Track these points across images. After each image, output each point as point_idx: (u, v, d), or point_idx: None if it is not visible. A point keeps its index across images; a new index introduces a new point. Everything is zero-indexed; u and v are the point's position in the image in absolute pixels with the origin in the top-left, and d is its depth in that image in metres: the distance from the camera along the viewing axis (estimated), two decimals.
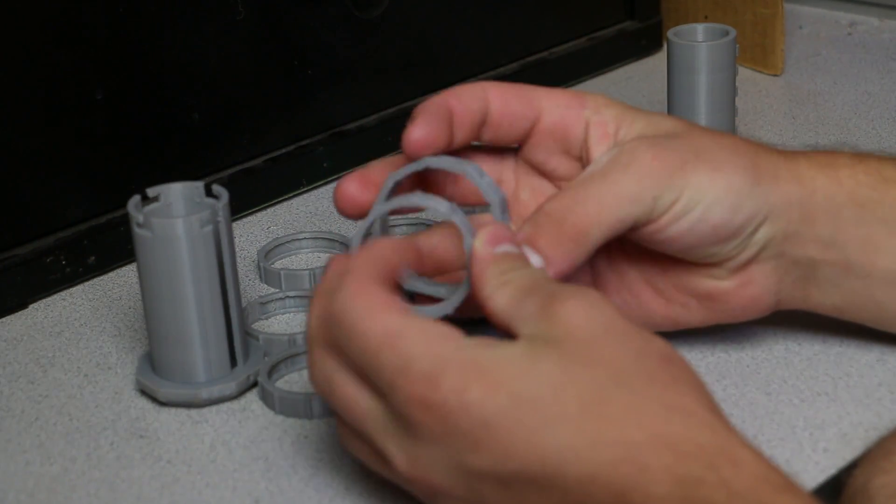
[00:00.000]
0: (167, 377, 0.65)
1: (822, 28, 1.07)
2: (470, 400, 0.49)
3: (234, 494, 0.59)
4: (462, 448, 0.50)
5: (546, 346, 0.50)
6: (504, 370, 0.50)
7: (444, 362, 0.50)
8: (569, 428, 0.48)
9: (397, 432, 0.52)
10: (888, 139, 0.88)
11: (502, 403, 0.49)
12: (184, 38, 0.78)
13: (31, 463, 0.62)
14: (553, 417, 0.49)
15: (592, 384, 0.49)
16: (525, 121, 0.61)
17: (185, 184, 0.65)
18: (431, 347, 0.50)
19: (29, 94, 0.72)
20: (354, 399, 0.53)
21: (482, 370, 0.50)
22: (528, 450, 0.49)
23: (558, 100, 0.62)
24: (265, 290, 0.74)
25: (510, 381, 0.49)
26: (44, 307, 0.74)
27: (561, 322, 0.51)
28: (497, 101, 0.61)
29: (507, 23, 0.94)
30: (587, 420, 0.48)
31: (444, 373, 0.50)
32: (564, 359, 0.50)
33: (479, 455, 0.49)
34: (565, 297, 0.52)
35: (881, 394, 0.63)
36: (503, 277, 0.54)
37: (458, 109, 0.60)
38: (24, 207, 0.74)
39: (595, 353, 0.50)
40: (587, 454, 0.48)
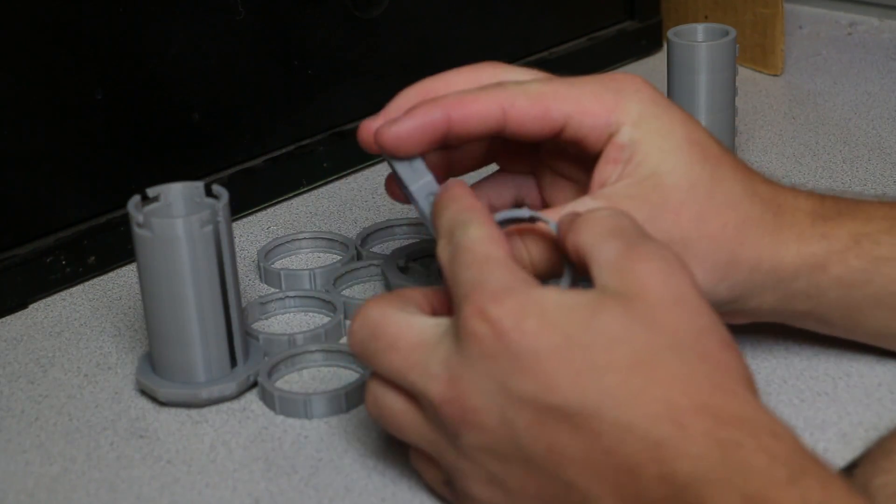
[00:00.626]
0: (167, 377, 0.65)
1: (822, 28, 1.07)
2: (525, 328, 0.50)
3: (234, 494, 0.59)
4: (508, 370, 0.50)
5: (614, 299, 0.51)
6: (566, 314, 0.50)
7: (513, 288, 0.51)
8: (615, 377, 0.49)
9: (444, 348, 0.52)
10: (888, 139, 0.88)
11: (555, 341, 0.50)
12: (184, 39, 0.78)
13: (31, 463, 0.62)
14: (602, 365, 0.49)
15: (648, 346, 0.50)
16: (542, 137, 0.60)
17: (185, 184, 0.65)
18: (510, 276, 0.52)
19: (29, 94, 0.72)
20: (404, 333, 0.54)
21: (545, 308, 0.51)
22: (571, 387, 0.49)
23: (585, 115, 0.59)
24: (265, 290, 0.74)
25: (569, 324, 0.50)
26: (44, 307, 0.74)
27: (636, 280, 0.51)
28: (513, 123, 0.59)
29: (507, 23, 0.94)
30: (635, 375, 0.49)
31: (511, 295, 0.51)
32: (628, 317, 0.50)
33: (523, 380, 0.50)
34: (646, 254, 0.52)
35: (881, 394, 0.63)
36: (593, 215, 0.55)
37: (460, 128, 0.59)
38: (24, 207, 0.74)
39: (659, 319, 0.50)
40: (628, 403, 0.49)
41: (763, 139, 0.89)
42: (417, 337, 0.54)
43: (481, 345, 0.51)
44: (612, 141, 0.59)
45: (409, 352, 0.53)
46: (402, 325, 0.54)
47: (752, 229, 0.59)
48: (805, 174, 0.84)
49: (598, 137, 0.59)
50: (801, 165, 0.85)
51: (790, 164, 0.85)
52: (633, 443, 0.48)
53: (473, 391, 0.51)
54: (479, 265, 0.53)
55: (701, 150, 0.59)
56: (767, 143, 0.88)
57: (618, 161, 0.59)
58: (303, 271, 0.74)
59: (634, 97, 0.59)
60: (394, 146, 0.59)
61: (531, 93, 0.59)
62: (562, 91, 0.60)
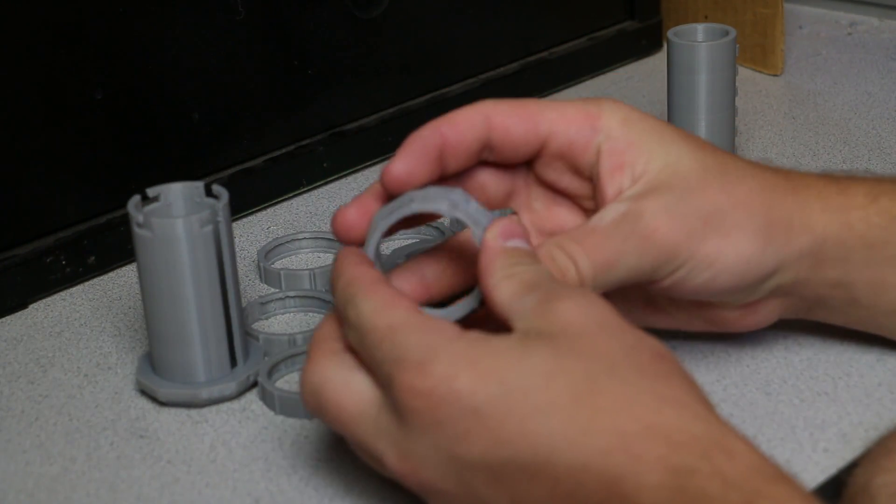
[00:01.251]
0: (167, 377, 0.65)
1: (822, 28, 1.07)
2: (459, 388, 0.49)
3: (234, 494, 0.59)
4: (452, 437, 0.50)
5: (539, 339, 0.50)
6: (495, 360, 0.50)
7: (434, 351, 0.50)
8: (560, 416, 0.48)
9: (389, 428, 0.52)
10: (888, 139, 0.88)
11: (492, 391, 0.49)
12: (184, 38, 0.78)
13: (31, 463, 0.62)
14: (544, 406, 0.49)
15: (584, 375, 0.49)
16: (529, 146, 0.60)
17: (185, 184, 0.65)
18: (424, 338, 0.51)
19: (29, 94, 0.72)
20: (344, 403, 0.53)
21: (473, 359, 0.50)
22: (519, 437, 0.49)
23: (568, 122, 0.60)
24: (265, 290, 0.74)
25: (501, 370, 0.50)
26: (44, 307, 0.74)
27: (556, 318, 0.51)
28: (499, 129, 0.59)
29: (507, 23, 0.94)
30: (579, 409, 0.48)
31: (435, 361, 0.50)
32: (557, 351, 0.50)
33: (470, 444, 0.49)
34: (563, 295, 0.52)
35: (881, 393, 0.63)
36: (509, 270, 0.54)
37: (452, 138, 0.58)
38: (24, 207, 0.74)
39: (587, 346, 0.50)
40: (579, 441, 0.48)
41: (763, 139, 0.89)
42: (356, 408, 0.53)
43: (422, 419, 0.50)
44: (603, 150, 0.59)
45: (354, 427, 0.53)
46: (342, 392, 0.54)
47: (774, 193, 0.60)
48: None
49: (584, 145, 0.59)
50: (801, 165, 0.85)
51: (790, 164, 0.85)
52: (591, 483, 0.48)
53: (425, 465, 0.51)
54: (389, 340, 0.52)
55: (695, 140, 0.60)
56: (767, 143, 0.88)
57: (621, 168, 0.59)
58: (303, 271, 0.74)
59: (614, 105, 0.60)
60: (399, 179, 0.57)
61: (513, 101, 0.60)
62: (542, 102, 0.60)
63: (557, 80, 0.97)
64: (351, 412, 0.53)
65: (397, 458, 0.52)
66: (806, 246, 0.60)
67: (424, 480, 0.51)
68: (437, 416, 0.50)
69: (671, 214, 0.58)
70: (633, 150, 0.59)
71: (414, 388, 0.50)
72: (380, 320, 0.52)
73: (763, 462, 0.48)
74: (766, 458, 0.48)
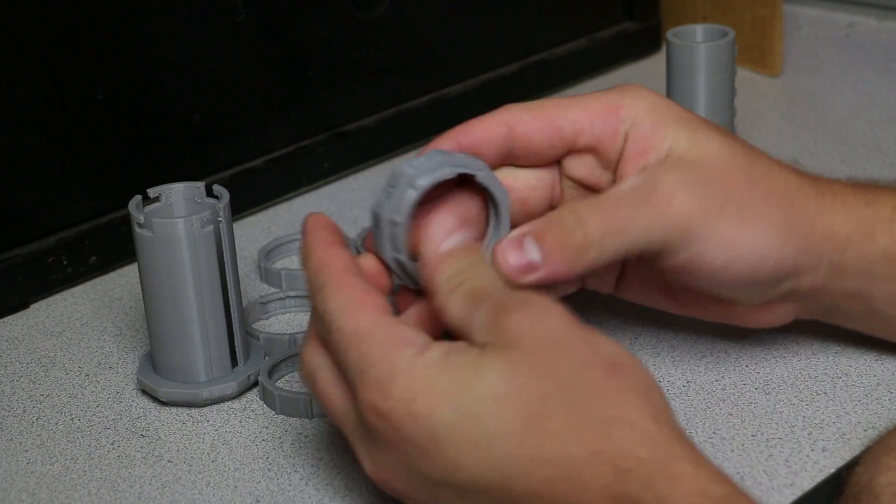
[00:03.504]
0: (168, 377, 0.65)
1: (821, 29, 1.07)
2: (416, 411, 0.50)
3: (235, 494, 0.59)
4: (414, 456, 0.50)
5: (493, 354, 0.50)
6: (450, 382, 0.50)
7: (395, 371, 0.51)
8: (511, 443, 0.49)
9: (364, 436, 0.53)
10: (886, 140, 0.88)
11: (447, 416, 0.50)
12: (184, 38, 0.78)
13: (32, 462, 0.62)
14: (496, 433, 0.49)
15: (534, 397, 0.49)
16: (554, 150, 0.59)
17: (186, 184, 0.65)
18: (388, 354, 0.51)
19: (29, 94, 0.73)
20: (333, 397, 0.54)
21: (430, 381, 0.50)
22: (474, 463, 0.49)
23: (592, 117, 0.59)
24: (266, 290, 0.75)
25: (455, 394, 0.50)
26: (45, 307, 0.74)
27: (509, 332, 0.51)
28: (520, 139, 0.59)
29: (507, 23, 0.94)
30: (529, 435, 0.49)
31: (394, 382, 0.50)
32: (509, 369, 0.50)
33: (431, 465, 0.50)
34: (512, 307, 0.52)
35: (879, 393, 0.63)
36: (455, 280, 0.54)
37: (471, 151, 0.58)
38: (25, 208, 0.74)
39: (539, 365, 0.50)
40: (529, 470, 0.49)
41: (762, 140, 0.89)
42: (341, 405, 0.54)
43: (385, 437, 0.51)
44: (630, 136, 0.58)
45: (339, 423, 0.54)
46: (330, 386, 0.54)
47: (797, 195, 0.59)
48: None
49: (612, 137, 0.59)
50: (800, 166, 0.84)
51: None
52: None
53: (395, 476, 0.52)
54: (355, 348, 0.52)
55: (725, 131, 0.59)
56: (766, 143, 0.88)
57: (647, 150, 0.58)
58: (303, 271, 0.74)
59: (637, 93, 0.59)
60: None
61: (533, 107, 0.59)
62: (564, 101, 0.59)
63: (557, 81, 0.98)
64: (336, 408, 0.54)
65: (371, 467, 0.53)
66: (827, 253, 0.59)
67: (396, 489, 0.53)
68: (399, 436, 0.50)
69: (689, 188, 0.57)
70: (658, 134, 0.58)
71: (375, 408, 0.51)
72: (346, 323, 0.52)
73: (709, 484, 0.48)
74: (716, 479, 0.48)
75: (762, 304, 0.61)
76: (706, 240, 0.57)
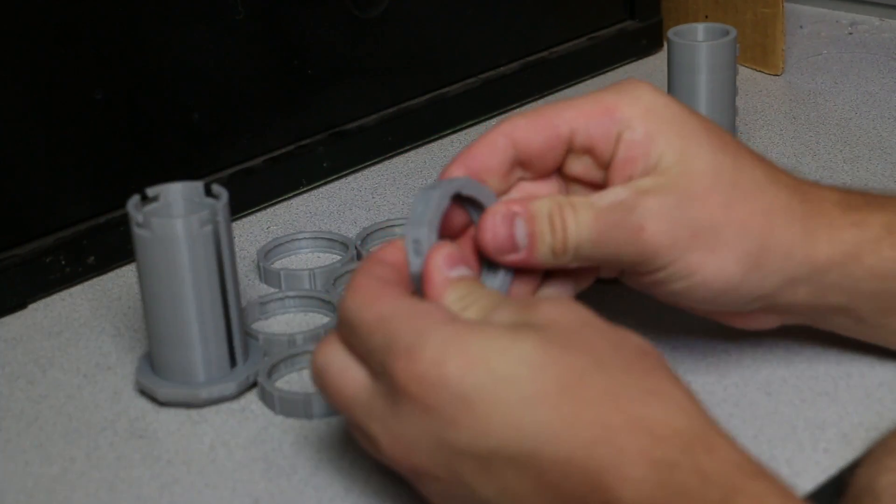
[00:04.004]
0: (167, 377, 0.64)
1: (823, 28, 1.07)
2: (448, 373, 0.50)
3: (234, 495, 0.59)
4: (441, 423, 0.50)
5: (528, 329, 0.51)
6: (484, 346, 0.50)
7: (424, 336, 0.51)
8: (546, 407, 0.49)
9: (383, 413, 0.52)
10: (888, 139, 0.88)
11: (480, 379, 0.49)
12: (184, 38, 0.78)
13: (30, 463, 0.62)
14: (531, 396, 0.49)
15: (571, 367, 0.50)
16: (555, 152, 0.60)
17: (185, 183, 0.65)
18: (414, 323, 0.51)
19: (29, 94, 0.72)
20: (343, 385, 0.54)
21: (462, 344, 0.50)
22: (506, 427, 0.49)
23: (587, 117, 0.59)
24: (265, 290, 0.74)
25: (490, 357, 0.50)
26: (43, 307, 0.74)
27: (540, 316, 0.52)
28: (522, 146, 0.59)
29: (507, 23, 0.94)
30: (565, 401, 0.49)
31: (425, 346, 0.50)
32: (545, 341, 0.50)
33: (458, 431, 0.50)
34: (537, 302, 0.53)
35: (882, 394, 0.62)
36: (463, 301, 0.54)
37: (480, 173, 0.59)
38: (23, 207, 0.74)
39: (574, 340, 0.51)
40: (564, 433, 0.48)
41: (763, 139, 0.89)
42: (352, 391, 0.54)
43: (413, 404, 0.51)
44: (622, 139, 0.59)
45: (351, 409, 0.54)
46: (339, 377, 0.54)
47: (779, 216, 0.59)
48: (805, 174, 0.83)
49: (607, 139, 0.59)
50: (801, 165, 0.85)
51: (790, 164, 0.85)
52: (575, 475, 0.48)
53: (416, 449, 0.51)
54: (380, 330, 0.52)
55: (719, 137, 0.59)
56: (768, 143, 0.88)
57: (636, 158, 0.58)
58: (302, 271, 0.74)
59: (635, 93, 0.59)
60: None
61: (530, 113, 0.60)
62: (560, 104, 0.60)
63: (557, 80, 0.97)
64: (347, 395, 0.54)
65: (389, 442, 0.52)
66: (803, 275, 0.59)
67: (415, 464, 0.52)
68: (428, 402, 0.50)
69: (662, 218, 0.58)
70: (649, 142, 0.58)
71: (406, 373, 0.50)
72: (368, 314, 0.53)
73: (743, 458, 0.49)
74: (746, 454, 0.49)
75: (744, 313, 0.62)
76: (672, 266, 0.58)
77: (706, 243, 0.58)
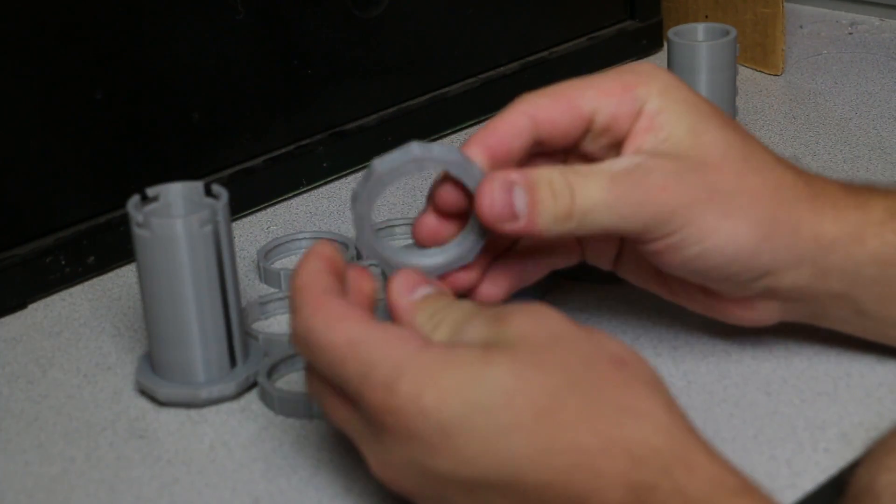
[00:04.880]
0: (167, 377, 0.64)
1: (823, 28, 1.07)
2: (425, 406, 0.50)
3: (234, 494, 0.59)
4: (423, 453, 0.50)
5: (499, 350, 0.51)
6: (458, 376, 0.50)
7: (401, 368, 0.50)
8: (522, 435, 0.49)
9: (370, 438, 0.52)
10: (888, 139, 0.88)
11: (456, 410, 0.49)
12: (184, 38, 0.78)
13: (30, 463, 0.62)
14: (506, 425, 0.49)
15: (545, 390, 0.49)
16: (576, 131, 0.60)
17: (185, 183, 0.65)
18: (390, 353, 0.51)
19: (29, 94, 0.72)
20: (336, 407, 0.54)
21: (436, 374, 0.50)
22: (485, 457, 0.49)
23: (609, 95, 0.59)
24: (265, 290, 0.74)
25: (464, 387, 0.50)
26: (43, 307, 0.74)
27: (511, 328, 0.51)
28: (545, 125, 0.59)
29: (507, 23, 0.94)
30: (540, 427, 0.49)
31: (401, 378, 0.50)
32: (517, 363, 0.50)
33: (440, 460, 0.50)
34: (508, 314, 0.52)
35: (882, 393, 0.62)
36: (434, 320, 0.54)
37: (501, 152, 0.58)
38: (23, 207, 0.74)
39: (546, 358, 0.50)
40: (542, 461, 0.49)
41: (763, 139, 0.88)
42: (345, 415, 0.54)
43: (394, 436, 0.51)
44: (641, 112, 0.59)
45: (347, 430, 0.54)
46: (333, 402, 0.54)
47: (788, 192, 0.59)
48: None
49: (627, 115, 0.59)
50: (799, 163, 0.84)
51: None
52: (556, 499, 0.48)
53: (403, 476, 0.52)
54: (352, 357, 0.51)
55: (728, 121, 0.60)
56: (767, 142, 0.88)
57: (649, 129, 0.59)
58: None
59: (653, 73, 0.60)
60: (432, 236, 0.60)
61: (551, 91, 0.60)
62: (581, 83, 0.60)
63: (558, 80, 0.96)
64: (341, 417, 0.54)
65: (379, 467, 0.53)
66: (808, 254, 0.59)
67: (405, 488, 0.52)
68: (408, 432, 0.50)
69: (681, 179, 0.57)
70: (663, 115, 0.59)
71: (385, 406, 0.50)
72: (336, 335, 0.52)
73: (726, 474, 0.48)
74: (729, 470, 0.49)
75: (745, 300, 0.61)
76: (686, 228, 0.58)
77: (721, 207, 0.58)
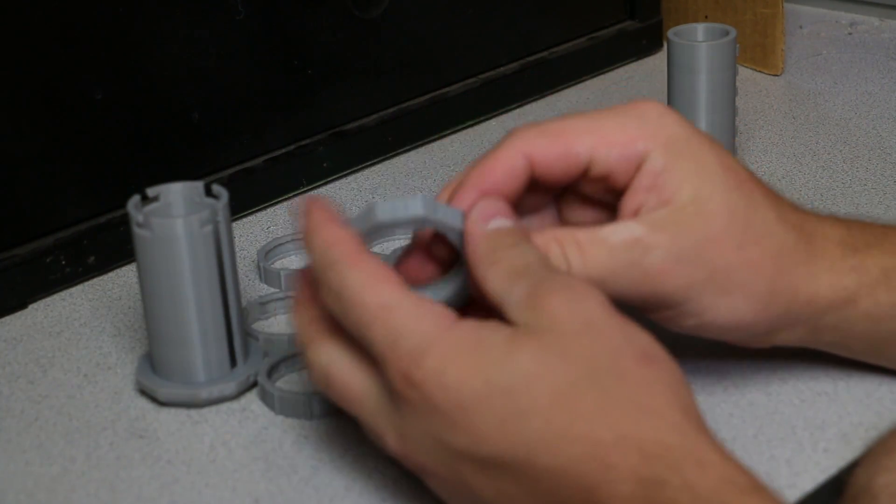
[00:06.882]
0: (167, 377, 0.64)
1: (823, 28, 1.07)
2: (448, 382, 0.50)
3: (234, 494, 0.59)
4: (441, 427, 0.51)
5: (527, 335, 0.51)
6: (483, 356, 0.50)
7: (428, 341, 0.51)
8: (539, 420, 0.49)
9: (388, 409, 0.53)
10: (888, 139, 0.88)
11: (477, 389, 0.50)
12: (184, 38, 0.78)
13: (30, 463, 0.62)
14: (525, 408, 0.49)
15: (565, 379, 0.50)
16: (569, 177, 0.58)
17: (185, 183, 0.65)
18: (420, 324, 0.51)
19: (28, 94, 0.72)
20: (350, 383, 0.54)
21: (462, 353, 0.50)
22: (500, 437, 0.50)
23: (609, 146, 0.57)
24: (265, 290, 0.74)
25: (487, 367, 0.50)
26: (43, 307, 0.74)
27: (545, 313, 0.51)
28: (541, 167, 0.58)
29: (507, 23, 0.94)
30: (557, 414, 0.49)
31: (428, 352, 0.51)
32: (542, 350, 0.50)
33: (456, 435, 0.50)
34: (552, 288, 0.52)
35: (881, 394, 0.62)
36: (494, 255, 0.54)
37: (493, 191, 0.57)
38: (23, 207, 0.74)
39: (572, 348, 0.50)
40: (556, 446, 0.49)
41: (763, 139, 0.89)
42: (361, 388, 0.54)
43: (414, 407, 0.51)
44: (642, 168, 0.57)
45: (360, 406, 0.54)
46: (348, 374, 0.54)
47: (787, 258, 0.59)
48: (805, 174, 0.84)
49: (626, 168, 0.58)
50: (801, 165, 0.85)
51: (790, 164, 0.85)
52: (567, 487, 0.49)
53: (419, 449, 0.52)
54: (381, 321, 0.52)
55: (734, 175, 0.58)
56: (767, 143, 0.88)
57: (652, 188, 0.57)
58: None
59: (659, 122, 0.58)
60: None
61: (549, 131, 0.58)
62: (582, 124, 0.58)
63: (557, 80, 0.97)
64: (356, 392, 0.54)
65: (395, 440, 0.53)
66: (804, 316, 0.60)
67: (420, 462, 0.52)
68: (428, 406, 0.51)
69: (680, 261, 0.57)
70: (666, 175, 0.57)
71: (407, 378, 0.51)
72: (369, 297, 0.52)
73: (735, 473, 0.48)
74: (740, 469, 0.49)
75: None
76: (684, 305, 0.58)
77: (720, 285, 0.57)
